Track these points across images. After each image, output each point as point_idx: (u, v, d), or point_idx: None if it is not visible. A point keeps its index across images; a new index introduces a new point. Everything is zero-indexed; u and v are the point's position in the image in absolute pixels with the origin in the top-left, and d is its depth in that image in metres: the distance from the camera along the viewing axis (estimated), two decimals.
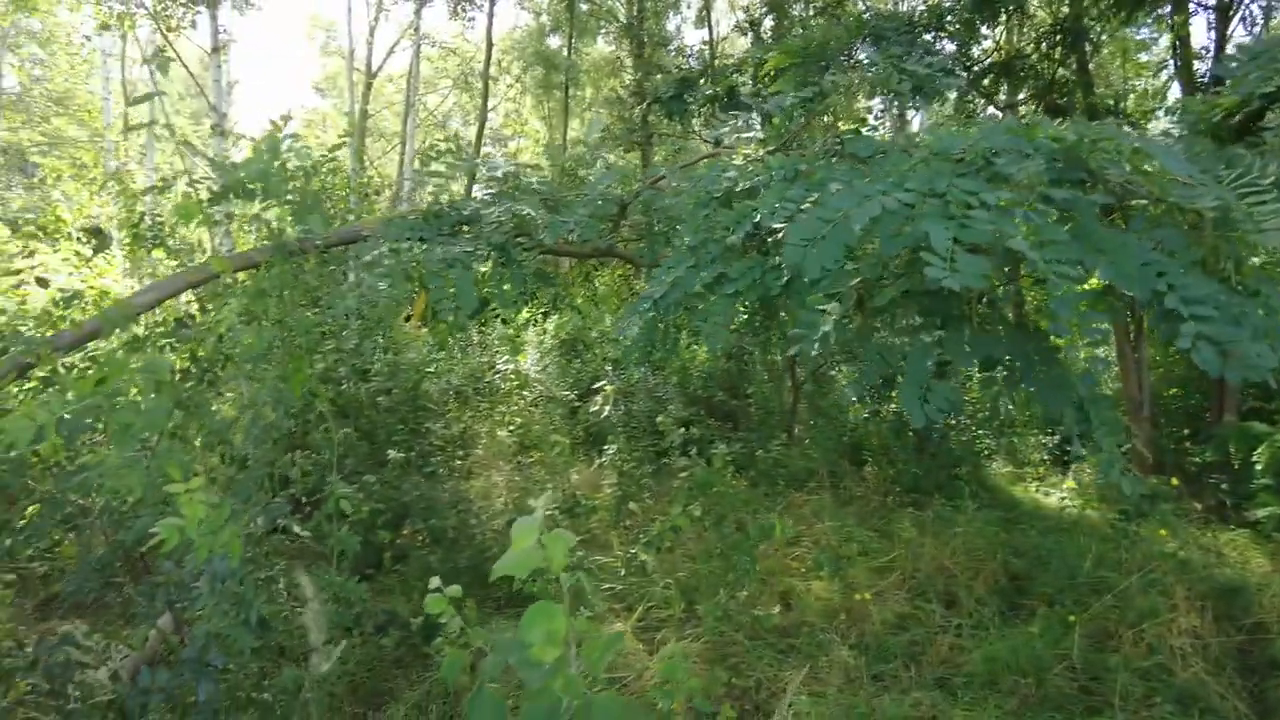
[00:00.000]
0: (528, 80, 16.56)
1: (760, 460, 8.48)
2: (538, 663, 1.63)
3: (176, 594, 2.61)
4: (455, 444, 8.23)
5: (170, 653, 3.06)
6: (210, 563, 2.36)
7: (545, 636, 1.61)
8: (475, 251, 3.28)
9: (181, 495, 1.64)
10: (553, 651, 1.62)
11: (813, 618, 5.80)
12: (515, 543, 1.63)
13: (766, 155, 3.06)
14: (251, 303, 2.48)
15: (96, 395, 1.60)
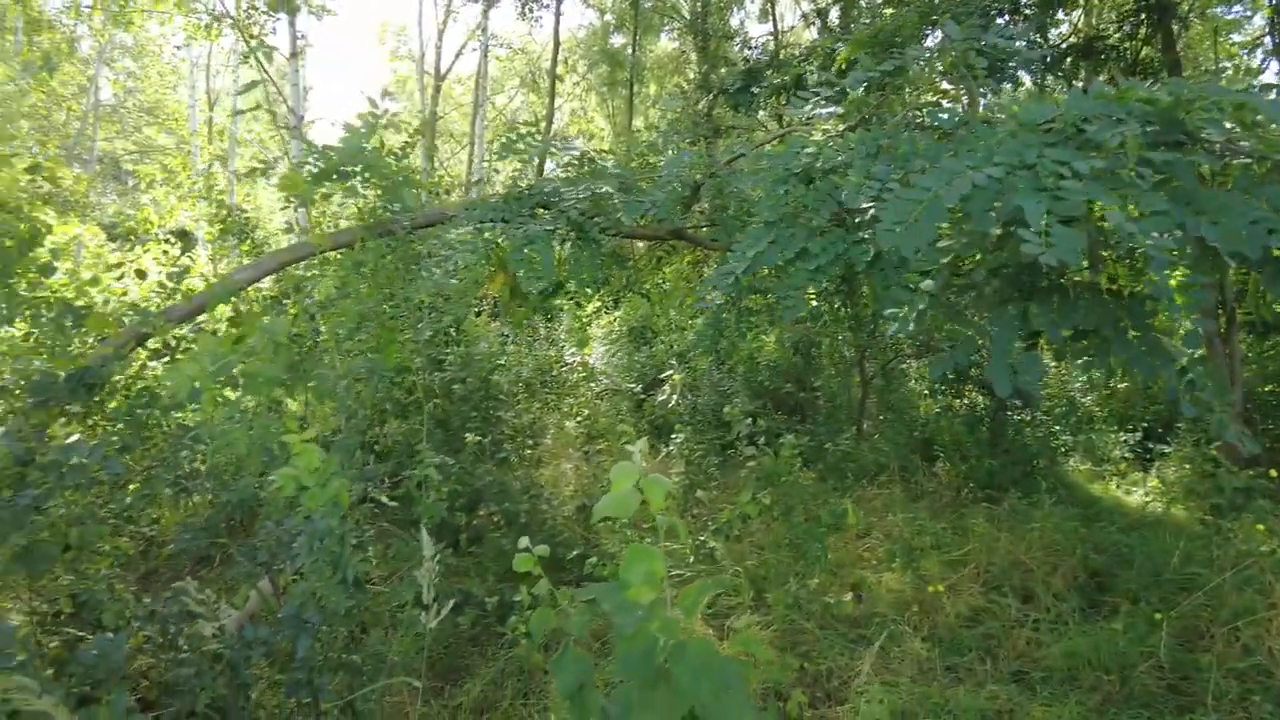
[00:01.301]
0: (593, 79, 16.72)
1: (829, 453, 8.40)
2: (635, 605, 1.68)
3: (276, 554, 2.75)
4: (525, 433, 8.38)
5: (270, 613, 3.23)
6: (309, 523, 2.48)
7: (644, 577, 1.66)
8: (555, 230, 3.35)
9: (296, 444, 1.74)
10: (650, 593, 1.66)
11: (884, 609, 5.73)
12: (614, 485, 1.68)
13: (846, 132, 3.06)
14: (347, 276, 2.60)
15: (234, 352, 1.71)
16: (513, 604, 4.90)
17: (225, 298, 2.81)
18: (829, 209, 2.82)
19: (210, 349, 1.69)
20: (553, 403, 9.64)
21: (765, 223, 2.93)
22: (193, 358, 1.64)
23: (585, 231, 3.34)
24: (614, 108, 17.80)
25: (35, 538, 2.27)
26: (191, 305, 2.87)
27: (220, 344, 1.71)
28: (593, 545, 6.25)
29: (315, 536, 2.53)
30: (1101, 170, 2.02)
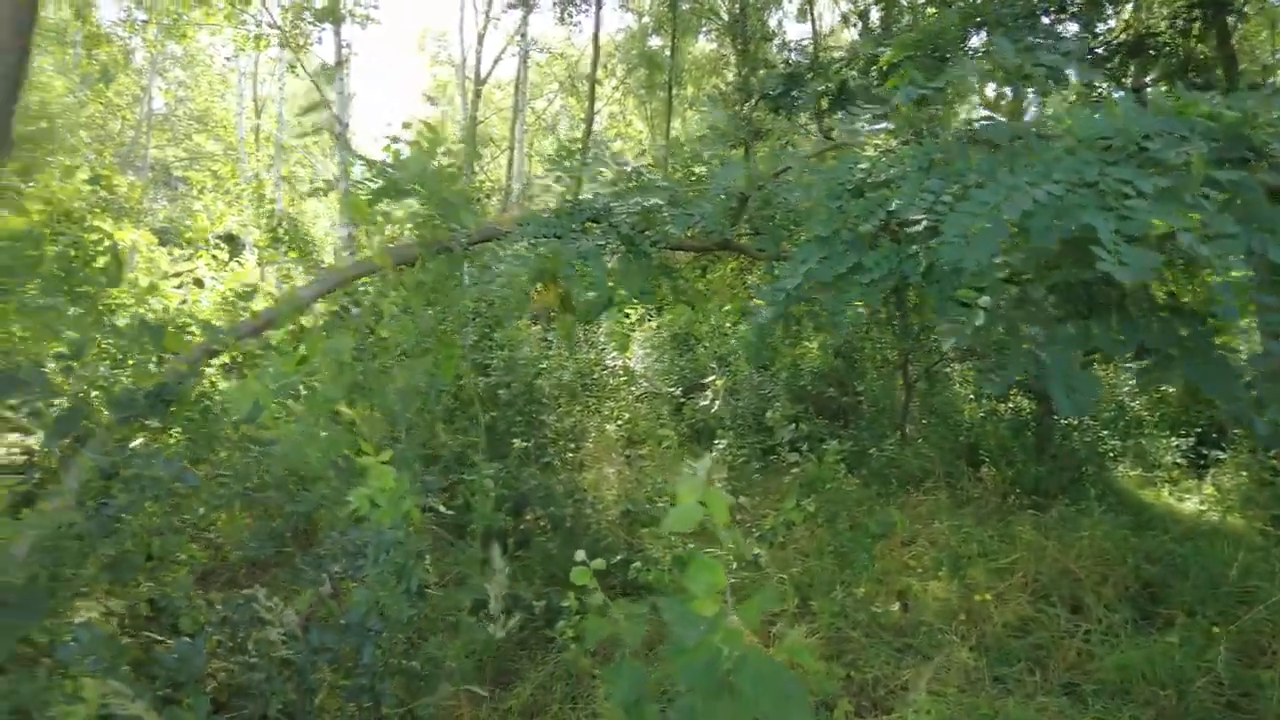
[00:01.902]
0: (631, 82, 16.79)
1: (873, 459, 8.35)
2: (698, 617, 1.72)
3: (340, 563, 2.84)
4: (566, 437, 8.46)
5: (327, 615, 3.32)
6: (376, 534, 2.56)
7: (707, 589, 1.70)
8: (605, 245, 3.40)
9: (373, 466, 1.81)
10: (713, 605, 1.70)
11: (930, 617, 5.70)
12: (679, 499, 1.72)
13: (899, 146, 3.06)
14: (410, 295, 2.68)
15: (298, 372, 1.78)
16: (560, 608, 4.97)
17: (291, 314, 2.91)
18: (878, 218, 2.82)
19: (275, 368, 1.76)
20: (593, 406, 9.71)
21: (817, 237, 2.95)
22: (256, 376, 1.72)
23: (635, 245, 3.39)
24: (652, 110, 17.85)
25: (122, 548, 2.39)
26: (259, 321, 2.97)
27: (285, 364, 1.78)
28: (636, 550, 6.30)
29: (381, 548, 2.61)
30: (1166, 189, 2.01)
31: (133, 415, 2.53)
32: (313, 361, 1.84)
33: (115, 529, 2.46)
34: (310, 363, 1.82)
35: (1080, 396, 2.20)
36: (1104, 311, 2.26)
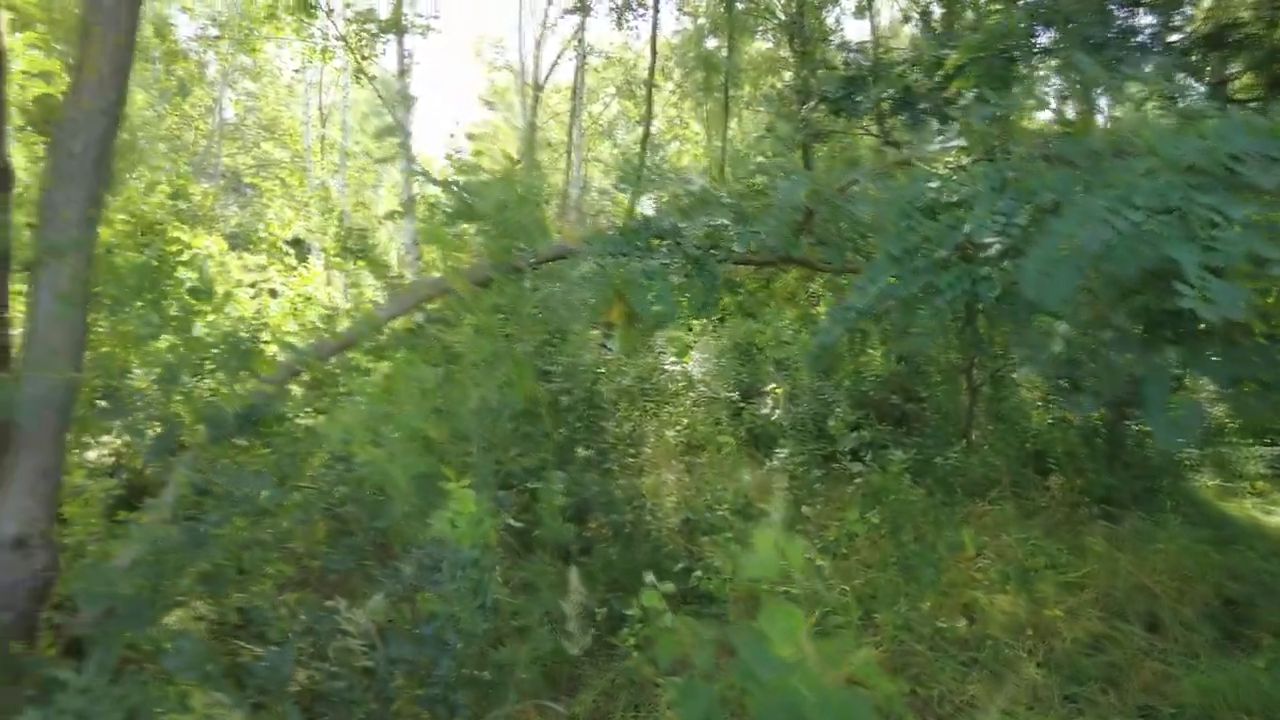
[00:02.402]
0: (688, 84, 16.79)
1: (937, 467, 8.20)
2: (774, 658, 1.74)
3: (418, 577, 2.93)
4: (626, 442, 8.51)
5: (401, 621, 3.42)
6: (453, 552, 2.64)
7: (785, 635, 1.71)
8: (671, 264, 3.43)
9: (456, 491, 1.88)
10: (791, 648, 1.72)
11: (997, 632, 5.58)
12: (758, 546, 1.74)
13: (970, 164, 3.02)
14: (484, 317, 2.75)
15: (385, 400, 1.86)
16: (623, 616, 5.03)
17: (370, 334, 3.01)
18: (953, 242, 2.79)
19: (363, 398, 1.84)
20: (652, 411, 9.74)
21: (888, 256, 2.92)
22: (347, 408, 1.80)
23: (701, 264, 3.41)
24: (708, 111, 17.79)
25: (217, 562, 2.52)
26: (341, 340, 3.09)
27: (373, 394, 1.86)
28: (697, 559, 6.32)
29: (458, 565, 2.69)
30: (1260, 217, 1.95)
31: (224, 434, 2.66)
32: (398, 390, 1.91)
33: (208, 543, 2.59)
34: (396, 392, 1.89)
35: (1182, 426, 2.14)
36: (1197, 341, 2.20)
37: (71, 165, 3.08)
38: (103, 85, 3.09)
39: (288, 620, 2.81)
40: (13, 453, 3.03)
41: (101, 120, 3.11)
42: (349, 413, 1.77)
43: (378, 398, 1.87)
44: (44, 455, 3.03)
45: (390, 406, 1.90)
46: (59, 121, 3.11)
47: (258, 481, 2.60)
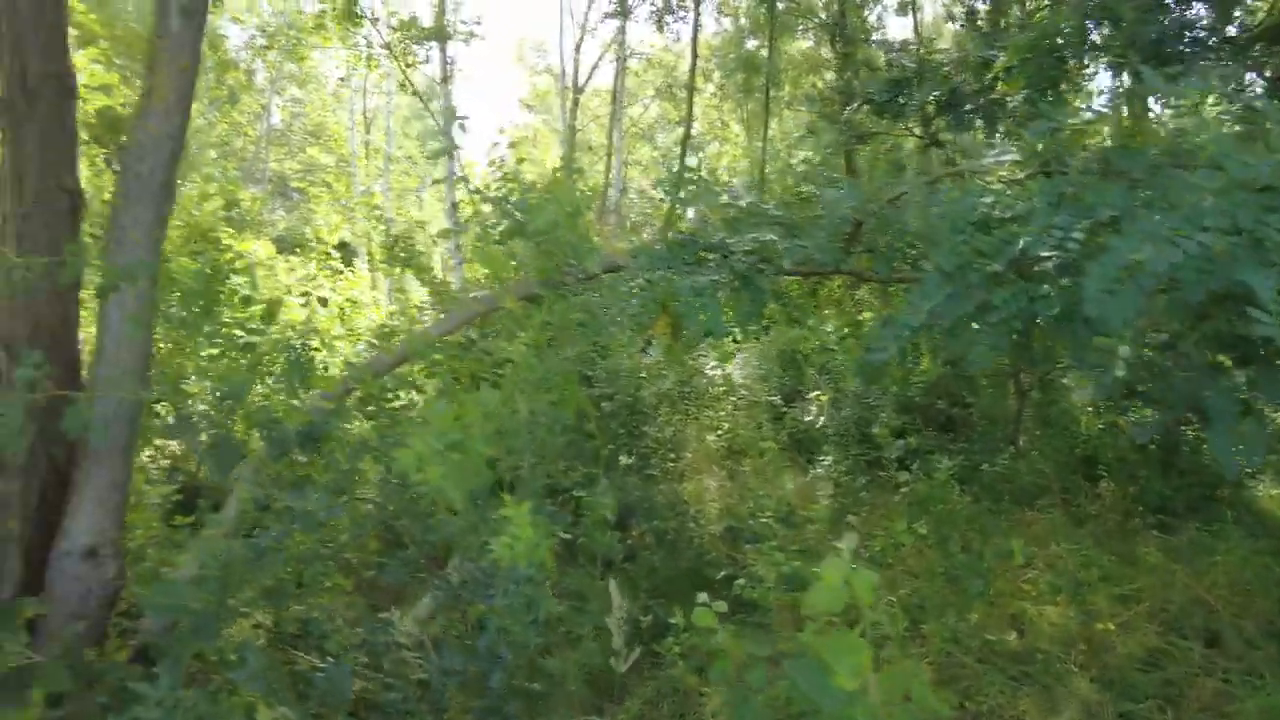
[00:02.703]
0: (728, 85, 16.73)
1: (984, 474, 8.06)
2: (837, 689, 1.74)
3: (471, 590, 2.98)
4: (666, 447, 8.52)
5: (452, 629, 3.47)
6: (509, 568, 2.68)
7: (851, 669, 1.71)
8: (719, 280, 3.43)
9: (515, 516, 1.91)
10: (855, 682, 1.72)
11: (1047, 645, 5.48)
12: (824, 579, 1.74)
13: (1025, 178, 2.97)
14: (536, 335, 2.79)
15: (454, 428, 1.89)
16: (667, 624, 5.04)
17: (424, 350, 3.07)
18: (1008, 257, 2.75)
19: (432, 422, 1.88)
20: (692, 415, 9.74)
21: (941, 272, 2.89)
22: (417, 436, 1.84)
23: (749, 279, 3.41)
24: (748, 111, 17.71)
25: (277, 575, 2.60)
26: (395, 356, 3.15)
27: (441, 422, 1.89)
28: (741, 566, 6.31)
29: (512, 580, 2.73)
30: None
31: (285, 451, 2.74)
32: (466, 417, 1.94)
33: (270, 557, 2.67)
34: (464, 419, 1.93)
35: (1247, 451, 2.09)
36: (1268, 363, 2.14)
37: (139, 187, 3.19)
38: (169, 111, 3.20)
39: (345, 632, 2.87)
40: (83, 467, 3.15)
41: (168, 144, 3.22)
42: (420, 442, 1.80)
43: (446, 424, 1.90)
44: (113, 469, 3.14)
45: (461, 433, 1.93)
46: (127, 145, 3.22)
47: (317, 497, 2.67)
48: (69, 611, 3.01)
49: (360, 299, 11.82)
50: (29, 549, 3.04)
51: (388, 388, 3.25)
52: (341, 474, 2.91)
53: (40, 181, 3.32)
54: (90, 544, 3.06)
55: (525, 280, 3.34)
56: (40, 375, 2.64)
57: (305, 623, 2.82)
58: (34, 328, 3.33)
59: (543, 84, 22.65)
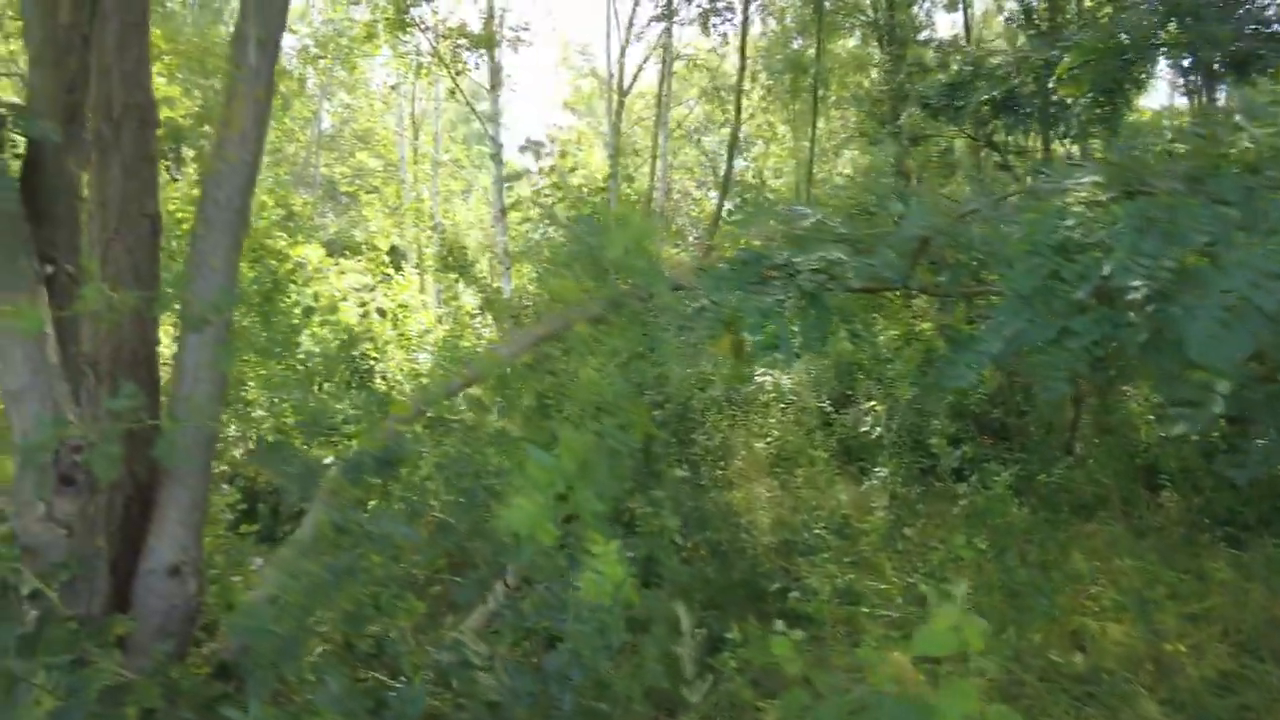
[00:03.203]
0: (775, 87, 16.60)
1: (1041, 484, 7.88)
2: None
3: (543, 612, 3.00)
4: (715, 454, 8.49)
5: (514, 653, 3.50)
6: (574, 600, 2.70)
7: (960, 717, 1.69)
8: (786, 300, 3.40)
9: (604, 557, 1.91)
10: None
11: (1112, 664, 5.34)
12: (935, 623, 1.72)
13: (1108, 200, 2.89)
14: (604, 360, 2.79)
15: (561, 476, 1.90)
16: (722, 638, 5.03)
17: (493, 372, 3.10)
18: (1091, 283, 2.67)
19: (537, 478, 1.89)
20: (741, 421, 9.69)
21: (1018, 296, 2.83)
22: (526, 490, 1.84)
23: (817, 300, 3.37)
24: (794, 111, 17.54)
25: (357, 600, 2.65)
26: (466, 378, 3.19)
27: (544, 475, 1.90)
28: (794, 579, 6.27)
29: (586, 607, 2.74)
30: None
31: (362, 476, 2.80)
32: (566, 464, 1.95)
33: (347, 579, 2.72)
34: (567, 467, 1.94)
35: None
36: None
37: (218, 214, 3.27)
38: (245, 139, 3.27)
39: (419, 654, 2.92)
40: (165, 487, 3.25)
41: (244, 171, 3.30)
42: (530, 503, 1.80)
43: (549, 477, 1.91)
44: (193, 488, 3.23)
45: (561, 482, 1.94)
46: (206, 174, 3.31)
47: (394, 521, 2.72)
48: (154, 628, 3.11)
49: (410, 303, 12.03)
50: (115, 566, 3.14)
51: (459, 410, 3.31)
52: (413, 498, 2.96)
53: (123, 208, 3.42)
54: (173, 562, 3.15)
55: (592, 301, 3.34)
56: (134, 405, 2.72)
57: (379, 642, 2.88)
58: (117, 348, 3.44)
59: (586, 87, 22.74)
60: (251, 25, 3.19)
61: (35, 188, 2.94)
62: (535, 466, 1.89)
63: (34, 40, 2.65)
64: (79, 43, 2.87)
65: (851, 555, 6.69)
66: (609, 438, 3.03)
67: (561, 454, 1.92)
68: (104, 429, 2.66)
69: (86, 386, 3.22)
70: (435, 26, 12.71)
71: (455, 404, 3.42)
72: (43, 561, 2.76)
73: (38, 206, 2.84)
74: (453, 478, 3.02)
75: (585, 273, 3.01)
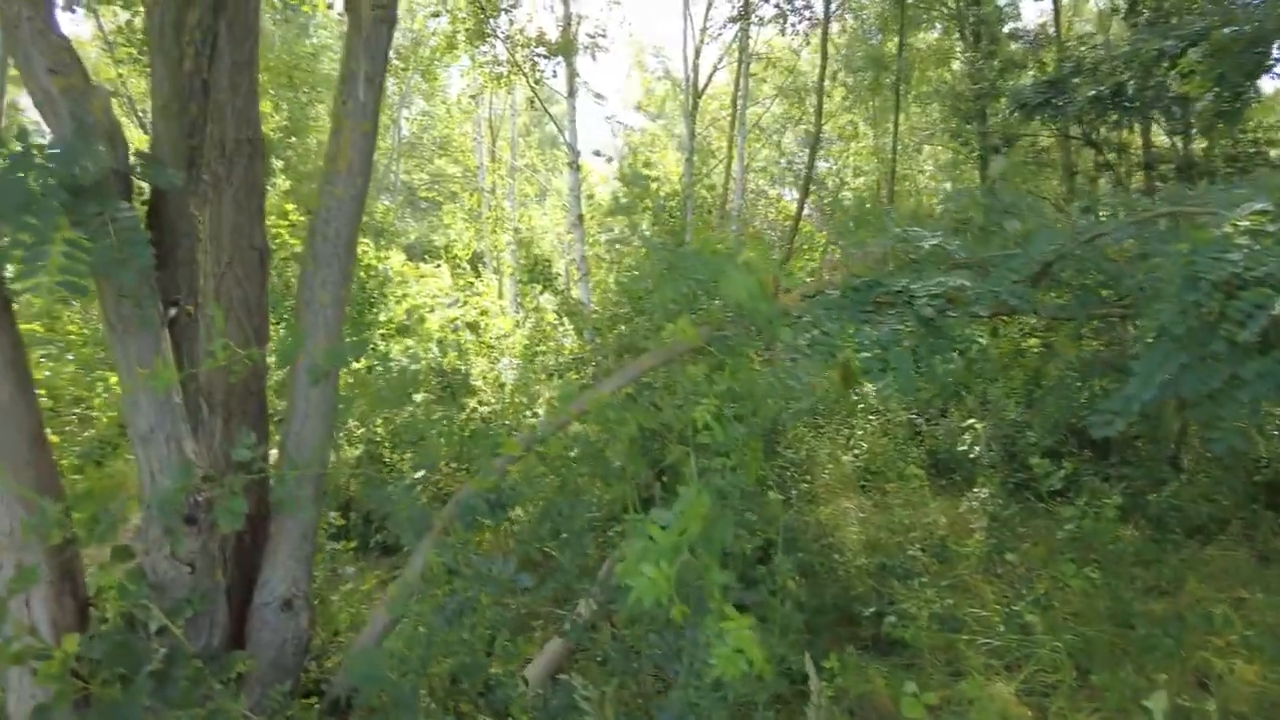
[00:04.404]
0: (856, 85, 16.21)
1: (1150, 504, 7.42)
2: None
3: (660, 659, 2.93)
4: (800, 468, 8.28)
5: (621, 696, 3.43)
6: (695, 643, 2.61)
7: None
8: (903, 329, 3.24)
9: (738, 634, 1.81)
10: None
11: (1242, 707, 4.97)
12: None
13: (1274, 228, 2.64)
14: (720, 402, 2.69)
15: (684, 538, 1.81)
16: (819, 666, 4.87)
17: (598, 405, 3.03)
18: (1258, 324, 2.44)
19: (664, 544, 1.79)
20: (826, 434, 9.44)
21: (1171, 337, 2.61)
22: (647, 556, 1.75)
23: (937, 329, 3.19)
24: (874, 107, 17.10)
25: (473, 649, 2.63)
26: (570, 414, 3.14)
27: (666, 539, 1.81)
28: (889, 602, 6.04)
29: (697, 655, 2.65)
30: None
31: (475, 518, 2.77)
32: (690, 526, 1.85)
33: (458, 621, 2.69)
34: (691, 530, 1.84)
35: None
36: None
37: (327, 250, 3.29)
38: (352, 173, 3.28)
39: (531, 696, 2.88)
40: (276, 521, 3.29)
41: (351, 206, 3.31)
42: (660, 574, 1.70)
43: (672, 540, 1.81)
44: (303, 522, 3.26)
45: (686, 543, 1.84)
46: (315, 210, 3.34)
47: (506, 565, 2.68)
48: (268, 661, 3.15)
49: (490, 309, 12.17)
50: (230, 599, 3.19)
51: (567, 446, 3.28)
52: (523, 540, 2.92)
53: (234, 241, 3.48)
54: (286, 595, 3.19)
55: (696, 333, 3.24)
56: (255, 456, 2.75)
57: (489, 683, 2.84)
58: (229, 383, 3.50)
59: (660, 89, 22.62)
60: (360, 63, 3.19)
61: (159, 231, 3.00)
62: (658, 531, 1.79)
63: (162, 92, 2.70)
64: (199, 88, 2.91)
65: (949, 579, 6.42)
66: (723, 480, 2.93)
67: (684, 514, 1.81)
68: (229, 481, 2.69)
69: (203, 421, 3.28)
70: (513, 36, 12.79)
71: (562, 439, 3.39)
72: (169, 598, 2.81)
73: (161, 250, 2.89)
74: (561, 520, 2.97)
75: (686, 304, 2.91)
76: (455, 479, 6.71)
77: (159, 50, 2.67)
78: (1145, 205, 3.39)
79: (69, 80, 2.54)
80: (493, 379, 9.00)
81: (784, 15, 13.47)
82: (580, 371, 8.34)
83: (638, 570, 1.71)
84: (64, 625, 2.76)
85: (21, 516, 2.66)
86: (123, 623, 2.76)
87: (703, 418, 2.67)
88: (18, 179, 2.11)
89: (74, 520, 2.78)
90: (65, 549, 2.78)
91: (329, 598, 4.14)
